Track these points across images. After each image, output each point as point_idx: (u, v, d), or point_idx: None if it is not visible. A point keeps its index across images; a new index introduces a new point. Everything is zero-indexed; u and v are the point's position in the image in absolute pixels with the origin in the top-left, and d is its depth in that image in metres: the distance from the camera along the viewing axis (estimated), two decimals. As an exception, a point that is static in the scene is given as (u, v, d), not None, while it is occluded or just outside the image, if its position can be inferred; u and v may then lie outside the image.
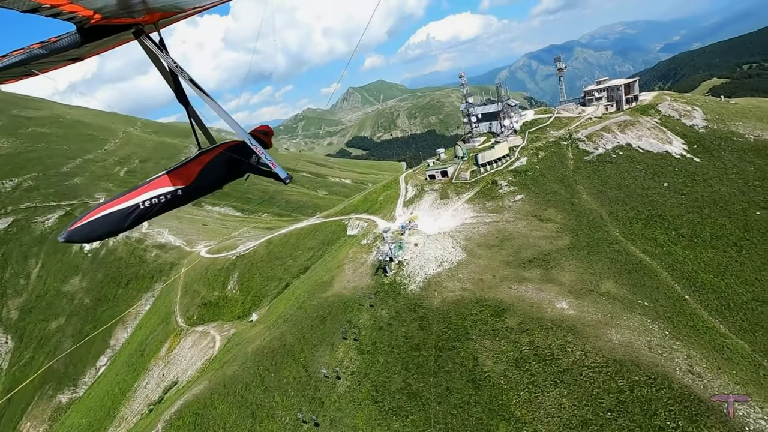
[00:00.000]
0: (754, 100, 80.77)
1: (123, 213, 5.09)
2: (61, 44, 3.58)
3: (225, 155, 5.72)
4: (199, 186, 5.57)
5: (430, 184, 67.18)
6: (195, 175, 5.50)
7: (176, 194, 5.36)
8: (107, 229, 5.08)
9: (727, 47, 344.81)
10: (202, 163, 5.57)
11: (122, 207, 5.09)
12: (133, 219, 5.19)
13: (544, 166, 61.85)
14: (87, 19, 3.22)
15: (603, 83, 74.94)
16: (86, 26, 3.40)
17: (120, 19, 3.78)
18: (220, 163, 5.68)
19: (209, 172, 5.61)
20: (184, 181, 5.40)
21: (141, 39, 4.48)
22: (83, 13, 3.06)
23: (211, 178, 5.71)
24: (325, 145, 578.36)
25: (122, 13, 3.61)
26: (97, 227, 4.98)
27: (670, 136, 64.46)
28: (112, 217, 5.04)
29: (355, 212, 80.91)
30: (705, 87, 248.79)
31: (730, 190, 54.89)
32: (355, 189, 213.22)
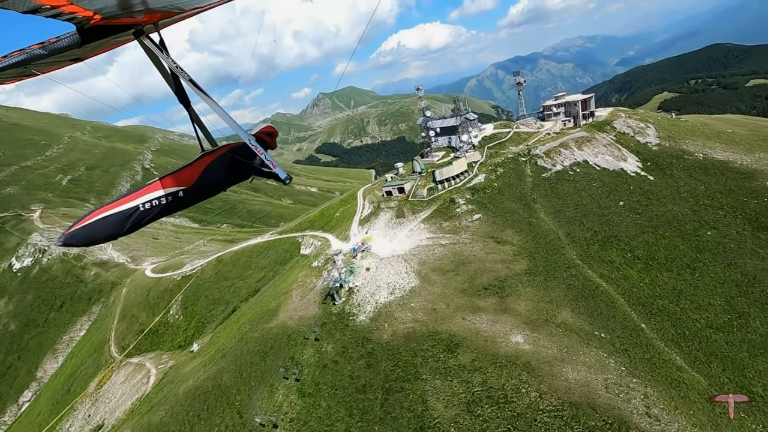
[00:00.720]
0: (702, 118, 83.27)
1: (122, 215, 4.92)
2: (61, 45, 3.56)
3: (227, 157, 5.52)
4: (201, 188, 5.38)
5: (386, 201, 63.83)
6: (197, 177, 5.31)
7: (178, 196, 5.18)
8: (106, 232, 4.88)
9: (677, 63, 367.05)
10: (205, 165, 5.40)
11: (122, 209, 4.94)
12: (133, 222, 4.99)
13: (503, 184, 59.96)
14: (87, 19, 3.22)
15: (561, 98, 74.69)
16: (86, 27, 3.39)
17: (120, 20, 3.74)
18: (222, 164, 5.50)
19: (212, 173, 5.43)
20: (186, 183, 5.22)
21: (141, 39, 4.43)
22: (83, 13, 3.07)
23: (214, 180, 5.52)
24: (294, 151, 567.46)
25: (122, 13, 3.58)
26: (95, 230, 4.81)
27: (625, 153, 64.42)
28: (111, 220, 4.87)
29: (310, 229, 76.37)
30: (657, 100, 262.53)
31: (682, 209, 54.82)
32: (322, 197, 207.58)
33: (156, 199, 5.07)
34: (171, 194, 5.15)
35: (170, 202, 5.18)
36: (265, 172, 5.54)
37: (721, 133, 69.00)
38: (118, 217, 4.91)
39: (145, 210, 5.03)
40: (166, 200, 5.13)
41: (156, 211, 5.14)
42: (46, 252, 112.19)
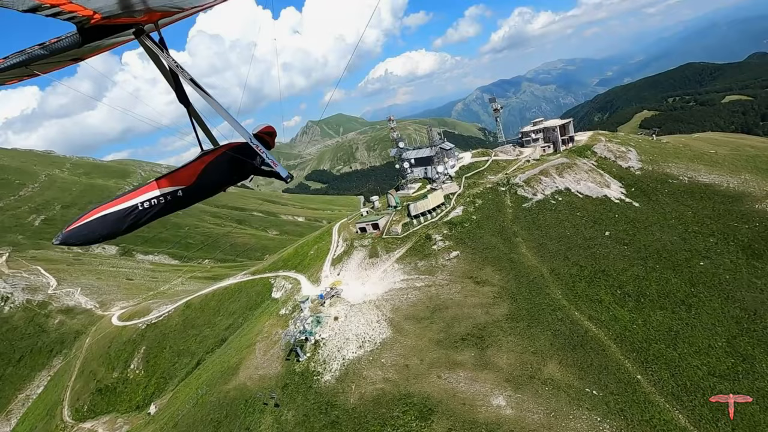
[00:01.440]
0: (683, 138, 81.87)
1: (121, 214, 4.89)
2: (62, 45, 3.55)
3: (227, 156, 5.42)
4: (200, 187, 5.31)
5: (360, 238, 59.84)
6: (196, 177, 5.24)
7: (177, 195, 5.13)
8: (105, 231, 4.82)
9: (653, 82, 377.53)
10: (204, 164, 5.33)
11: (120, 208, 4.90)
12: (132, 221, 4.94)
13: (482, 216, 56.51)
14: (87, 19, 3.21)
15: (539, 124, 72.75)
16: (86, 26, 3.37)
17: (120, 19, 3.72)
18: (222, 164, 5.42)
19: (211, 173, 5.35)
20: (185, 183, 5.16)
21: (141, 39, 4.40)
22: (83, 12, 3.06)
23: (213, 180, 5.43)
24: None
25: (122, 12, 3.54)
26: (94, 229, 4.77)
27: (608, 179, 61.76)
28: (109, 219, 4.82)
29: (284, 268, 71.75)
30: (638, 118, 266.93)
31: (671, 237, 51.59)
32: (308, 227, 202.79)
33: (155, 198, 4.97)
34: (170, 194, 5.05)
35: (169, 202, 5.07)
36: (265, 171, 5.42)
37: (703, 154, 67.05)
38: (117, 216, 4.84)
39: (144, 209, 4.94)
40: (165, 200, 5.03)
41: (155, 210, 5.02)
42: (9, 300, 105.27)
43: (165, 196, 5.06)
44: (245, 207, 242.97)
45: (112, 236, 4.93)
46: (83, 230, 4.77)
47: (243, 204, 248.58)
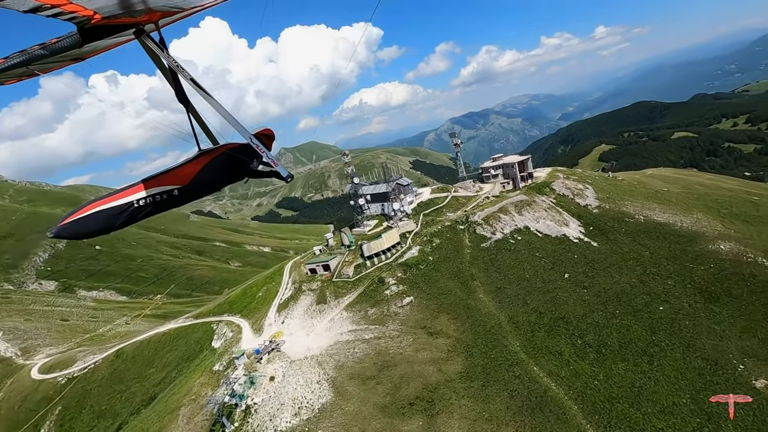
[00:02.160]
0: (636, 175, 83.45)
1: (115, 211, 4.85)
2: (62, 45, 3.56)
3: (224, 157, 5.38)
4: (196, 187, 5.25)
5: (309, 281, 55.10)
6: (193, 176, 5.19)
7: (172, 194, 5.09)
8: (98, 226, 4.79)
9: (610, 118, 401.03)
10: (201, 164, 5.28)
11: (115, 204, 4.86)
12: (126, 217, 4.91)
13: (439, 257, 53.35)
14: (87, 19, 3.22)
15: (498, 160, 71.99)
16: (87, 26, 3.39)
17: (120, 19, 3.72)
18: (219, 164, 5.37)
19: (208, 173, 5.29)
20: (181, 182, 5.12)
21: (141, 39, 4.42)
22: (84, 13, 3.07)
23: (209, 180, 5.37)
24: (254, 207, 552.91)
25: (123, 13, 3.55)
26: (87, 224, 4.74)
27: (567, 217, 60.62)
28: (103, 215, 4.80)
29: (229, 312, 65.33)
30: (597, 152, 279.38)
31: (630, 280, 50.02)
32: (274, 258, 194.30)
33: (150, 196, 4.94)
34: (166, 192, 5.03)
35: (164, 200, 5.05)
36: (263, 171, 5.44)
37: (657, 192, 67.72)
38: (111, 212, 4.82)
39: (138, 207, 4.92)
40: (161, 198, 5.01)
41: (149, 208, 4.99)
42: None
43: (161, 195, 4.97)
44: (207, 237, 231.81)
45: (105, 232, 4.86)
46: (77, 225, 4.67)
47: (205, 234, 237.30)
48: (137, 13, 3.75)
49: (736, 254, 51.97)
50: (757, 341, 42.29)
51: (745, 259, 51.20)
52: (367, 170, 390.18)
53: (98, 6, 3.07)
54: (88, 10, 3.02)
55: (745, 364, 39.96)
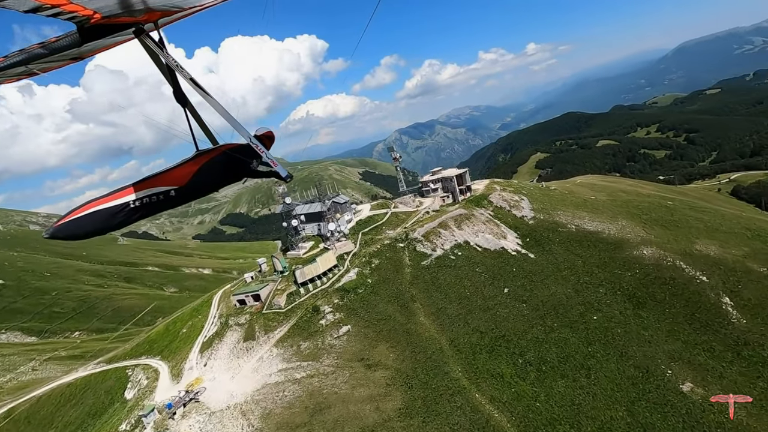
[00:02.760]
0: (567, 184, 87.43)
1: (112, 211, 4.81)
2: (62, 44, 3.57)
3: (223, 157, 5.33)
4: (193, 187, 5.19)
5: (237, 313, 49.74)
6: (190, 176, 5.12)
7: (169, 195, 5.04)
8: (94, 226, 4.76)
9: (544, 128, 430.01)
10: (199, 164, 5.21)
11: (111, 205, 4.82)
12: (123, 218, 4.92)
13: (378, 279, 50.63)
14: (87, 18, 3.23)
15: (437, 173, 71.51)
16: (86, 26, 3.40)
17: (120, 19, 3.73)
18: (217, 165, 5.31)
19: (205, 174, 5.22)
20: (179, 182, 5.06)
21: (141, 38, 4.43)
22: (83, 12, 3.08)
23: (207, 180, 5.31)
24: (195, 224, 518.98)
25: (122, 12, 3.55)
26: (84, 224, 4.70)
27: (504, 229, 60.92)
28: (100, 215, 4.76)
29: (148, 354, 57.48)
30: (534, 159, 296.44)
31: (565, 290, 50.65)
32: (215, 281, 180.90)
33: (147, 197, 4.91)
34: (162, 193, 4.99)
35: (161, 201, 5.02)
36: (261, 172, 5.39)
37: (586, 201, 70.74)
38: (107, 213, 4.80)
39: (135, 207, 4.89)
40: (158, 198, 4.98)
41: (146, 208, 4.96)
42: None
43: (157, 195, 4.92)
44: (139, 261, 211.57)
45: (102, 232, 4.83)
46: (72, 225, 4.65)
47: (136, 258, 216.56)
48: (137, 13, 3.73)
49: (657, 259, 54.78)
50: (681, 344, 44.07)
51: (666, 263, 54.08)
52: (314, 183, 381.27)
53: (98, 6, 3.07)
54: (88, 9, 3.04)
55: (672, 369, 41.21)
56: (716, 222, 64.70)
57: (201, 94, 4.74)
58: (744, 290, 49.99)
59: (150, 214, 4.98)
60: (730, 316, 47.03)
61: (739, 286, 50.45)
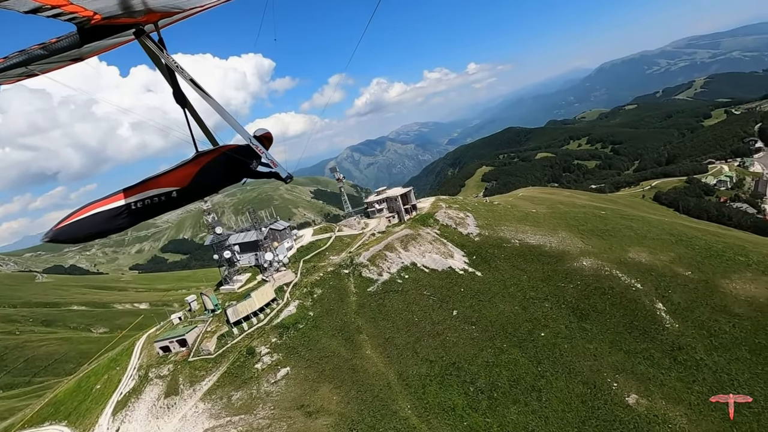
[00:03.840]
0: (510, 198, 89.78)
1: (112, 213, 4.78)
2: (62, 45, 3.57)
3: (223, 158, 5.32)
4: (194, 188, 5.18)
5: (160, 363, 43.54)
6: (191, 177, 5.10)
7: (170, 196, 5.01)
8: (95, 229, 4.71)
9: (488, 142, 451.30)
10: (199, 165, 5.19)
11: (111, 207, 4.78)
12: (123, 220, 4.86)
13: (321, 311, 46.99)
14: (87, 19, 3.24)
15: (382, 193, 69.82)
16: (87, 27, 3.41)
17: (120, 20, 3.74)
18: (218, 165, 5.30)
19: (206, 174, 5.20)
20: (180, 183, 5.05)
21: (141, 39, 4.43)
22: (84, 13, 3.09)
23: (208, 181, 5.32)
24: (133, 254, 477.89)
25: (123, 13, 3.57)
26: (84, 227, 4.66)
27: (451, 248, 60.05)
28: (100, 217, 4.71)
29: (52, 419, 48.72)
30: (480, 173, 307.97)
31: (513, 307, 50.19)
32: (154, 315, 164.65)
33: (148, 198, 4.89)
34: (164, 194, 4.96)
35: (162, 202, 4.97)
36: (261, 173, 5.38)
37: (528, 214, 72.36)
38: (108, 215, 4.75)
39: (136, 209, 4.86)
40: (159, 200, 4.94)
41: (147, 210, 4.92)
42: None
43: (159, 197, 4.91)
44: (60, 301, 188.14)
45: (102, 235, 4.78)
46: (73, 228, 4.61)
47: (58, 297, 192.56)
48: (137, 14, 3.74)
49: (596, 269, 56.39)
50: (623, 354, 44.78)
51: (604, 273, 55.76)
52: (266, 203, 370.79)
53: (98, 7, 3.08)
54: (88, 10, 3.04)
55: (617, 381, 41.47)
56: (644, 229, 68.64)
57: (201, 95, 4.70)
58: (674, 294, 52.53)
59: (152, 215, 4.92)
60: (665, 321, 48.91)
61: (669, 291, 52.98)
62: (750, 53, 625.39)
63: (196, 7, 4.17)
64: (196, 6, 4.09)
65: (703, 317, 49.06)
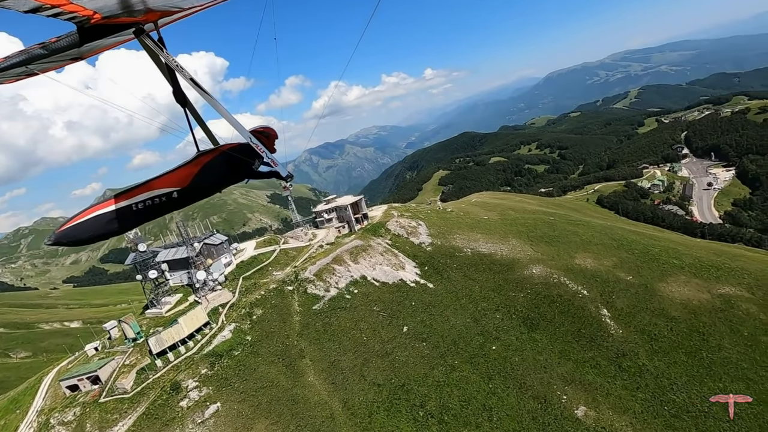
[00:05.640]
0: (463, 204, 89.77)
1: (114, 215, 4.75)
2: (62, 44, 3.59)
3: (224, 157, 5.28)
4: (195, 188, 5.13)
5: (66, 406, 37.30)
6: (192, 177, 5.07)
7: (171, 197, 4.97)
8: (98, 231, 4.69)
9: (444, 146, 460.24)
10: (200, 165, 5.17)
11: (114, 208, 4.75)
12: (126, 222, 4.82)
13: (260, 334, 42.85)
14: (87, 19, 3.25)
15: (331, 202, 66.50)
16: (87, 26, 3.41)
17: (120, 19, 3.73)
18: (218, 165, 5.25)
19: (207, 174, 5.17)
20: (180, 184, 5.00)
21: (141, 38, 4.41)
22: (83, 13, 3.11)
23: (209, 181, 5.25)
24: (67, 265, 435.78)
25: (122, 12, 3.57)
26: (87, 229, 4.64)
27: (402, 259, 57.97)
28: (103, 219, 4.68)
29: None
30: (437, 177, 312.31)
31: (465, 320, 48.87)
32: (86, 336, 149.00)
33: (149, 199, 4.86)
34: (165, 195, 4.93)
35: (164, 203, 4.95)
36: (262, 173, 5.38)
37: (479, 221, 72.17)
38: (110, 216, 4.72)
39: (138, 210, 4.84)
40: (160, 200, 4.92)
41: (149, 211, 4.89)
42: None
43: (160, 198, 4.86)
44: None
45: (105, 236, 4.75)
46: (76, 230, 4.58)
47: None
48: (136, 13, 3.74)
49: (545, 277, 56.67)
50: (572, 364, 44.72)
51: (552, 281, 56.14)
52: (218, 208, 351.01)
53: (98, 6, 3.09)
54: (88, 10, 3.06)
55: (567, 393, 41.10)
56: (589, 234, 70.69)
57: (201, 94, 4.68)
58: (617, 300, 53.79)
59: (154, 216, 4.84)
60: (609, 328, 49.73)
61: (613, 297, 54.22)
62: (675, 67, 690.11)
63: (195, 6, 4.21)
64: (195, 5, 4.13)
65: (644, 322, 50.44)
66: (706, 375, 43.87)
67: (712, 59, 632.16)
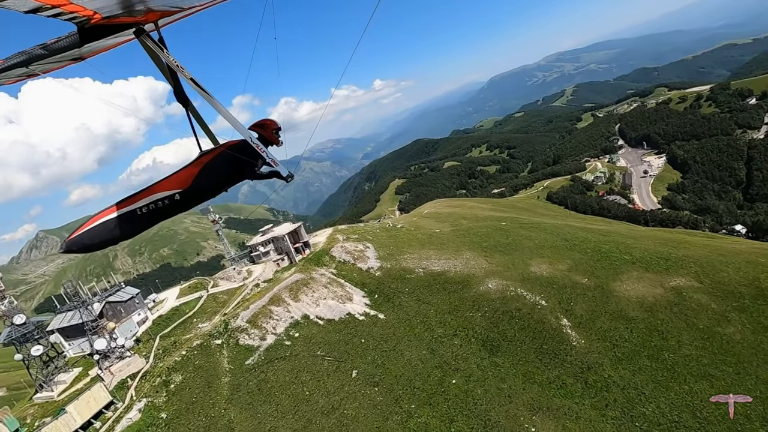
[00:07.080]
0: (414, 218, 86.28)
1: (120, 220, 4.76)
2: (62, 45, 3.58)
3: (225, 156, 5.22)
4: (198, 189, 5.04)
5: None
6: (193, 178, 5.00)
7: (174, 199, 4.93)
8: (105, 237, 4.72)
9: (399, 154, 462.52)
10: (200, 165, 5.10)
11: (119, 214, 4.77)
12: (132, 226, 4.79)
13: (179, 408, 35.62)
14: (87, 19, 3.24)
15: (267, 233, 60.06)
16: (87, 26, 3.41)
17: (120, 19, 3.77)
18: (219, 164, 5.19)
19: (208, 174, 5.10)
20: (182, 185, 4.95)
21: (141, 38, 4.45)
22: (84, 13, 3.10)
23: (211, 181, 5.16)
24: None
25: (123, 12, 3.59)
26: (95, 236, 4.67)
27: (349, 289, 52.66)
28: (109, 225, 4.70)
29: None
30: (393, 186, 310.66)
31: (420, 352, 44.27)
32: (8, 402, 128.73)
33: (153, 202, 4.83)
34: (168, 197, 4.89)
35: (167, 206, 4.91)
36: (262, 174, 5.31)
37: (432, 235, 68.60)
38: (116, 222, 4.74)
39: (142, 214, 4.82)
40: (163, 203, 4.88)
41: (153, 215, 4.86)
42: None
43: (162, 200, 4.84)
44: None
45: (113, 242, 4.77)
46: (84, 237, 4.61)
47: None
48: (137, 13, 3.76)
49: (501, 291, 53.56)
50: (538, 388, 41.30)
51: (510, 294, 53.11)
52: (168, 240, 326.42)
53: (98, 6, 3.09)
54: (89, 10, 3.05)
55: (535, 425, 37.40)
56: (542, 238, 69.16)
57: (201, 94, 4.67)
58: (576, 306, 51.59)
59: (159, 220, 4.86)
60: (571, 338, 47.12)
61: (572, 304, 51.98)
62: (603, 65, 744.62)
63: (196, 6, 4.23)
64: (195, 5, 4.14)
65: (605, 327, 48.37)
66: (671, 378, 42.03)
67: (633, 56, 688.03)
